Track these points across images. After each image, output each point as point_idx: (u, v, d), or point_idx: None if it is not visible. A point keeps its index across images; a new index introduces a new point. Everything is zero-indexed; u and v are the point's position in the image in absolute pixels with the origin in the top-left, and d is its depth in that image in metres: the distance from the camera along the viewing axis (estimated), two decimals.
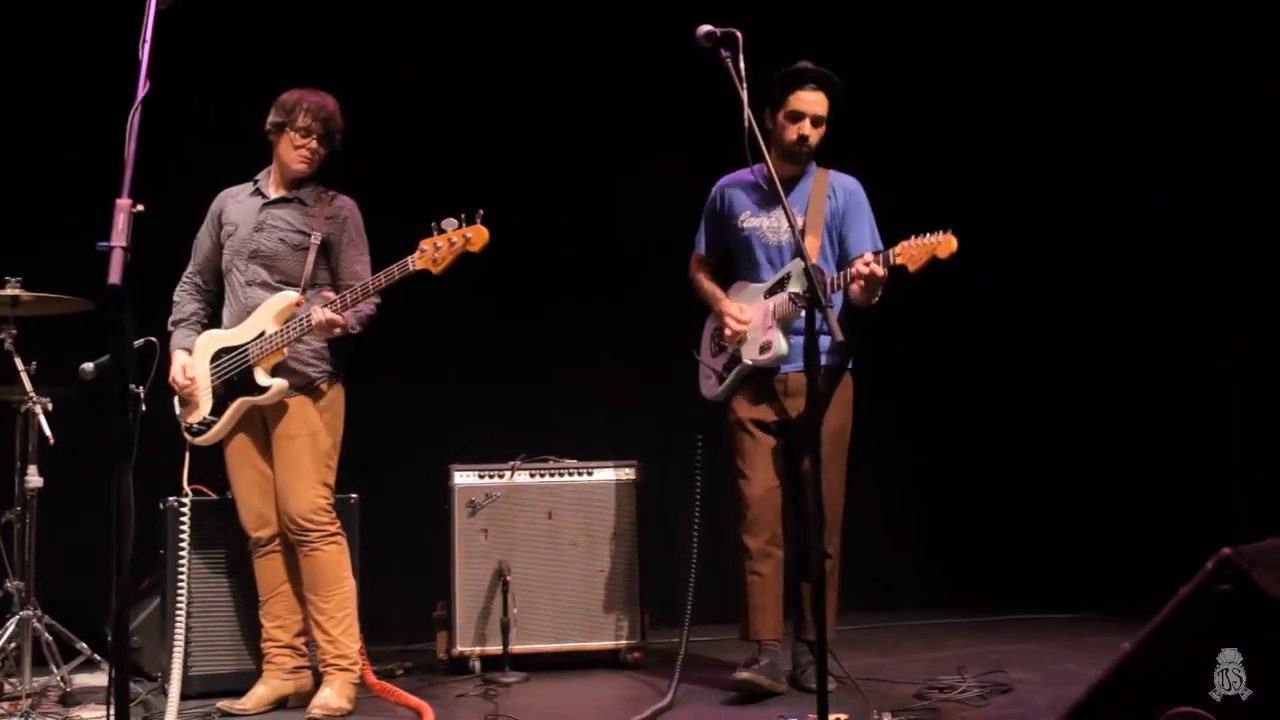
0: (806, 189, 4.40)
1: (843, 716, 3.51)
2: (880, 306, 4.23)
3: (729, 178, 4.56)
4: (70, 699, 4.32)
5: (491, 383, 6.20)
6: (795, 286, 4.18)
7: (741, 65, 3.51)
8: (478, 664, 4.95)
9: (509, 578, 4.85)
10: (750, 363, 4.34)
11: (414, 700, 4.24)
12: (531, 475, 5.12)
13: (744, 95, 3.50)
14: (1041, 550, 6.99)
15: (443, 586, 5.07)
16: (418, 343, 5.79)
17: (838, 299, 4.32)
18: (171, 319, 4.42)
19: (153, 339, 4.41)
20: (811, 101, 4.28)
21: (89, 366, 4.36)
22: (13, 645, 4.28)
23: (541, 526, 5.08)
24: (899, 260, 3.93)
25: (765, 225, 4.41)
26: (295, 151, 4.25)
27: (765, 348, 4.29)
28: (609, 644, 5.08)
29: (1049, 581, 6.79)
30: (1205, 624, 2.35)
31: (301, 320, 4.08)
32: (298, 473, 4.17)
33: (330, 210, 4.32)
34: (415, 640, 5.45)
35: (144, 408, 4.45)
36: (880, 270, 3.96)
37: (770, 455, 4.35)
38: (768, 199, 4.38)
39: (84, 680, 4.66)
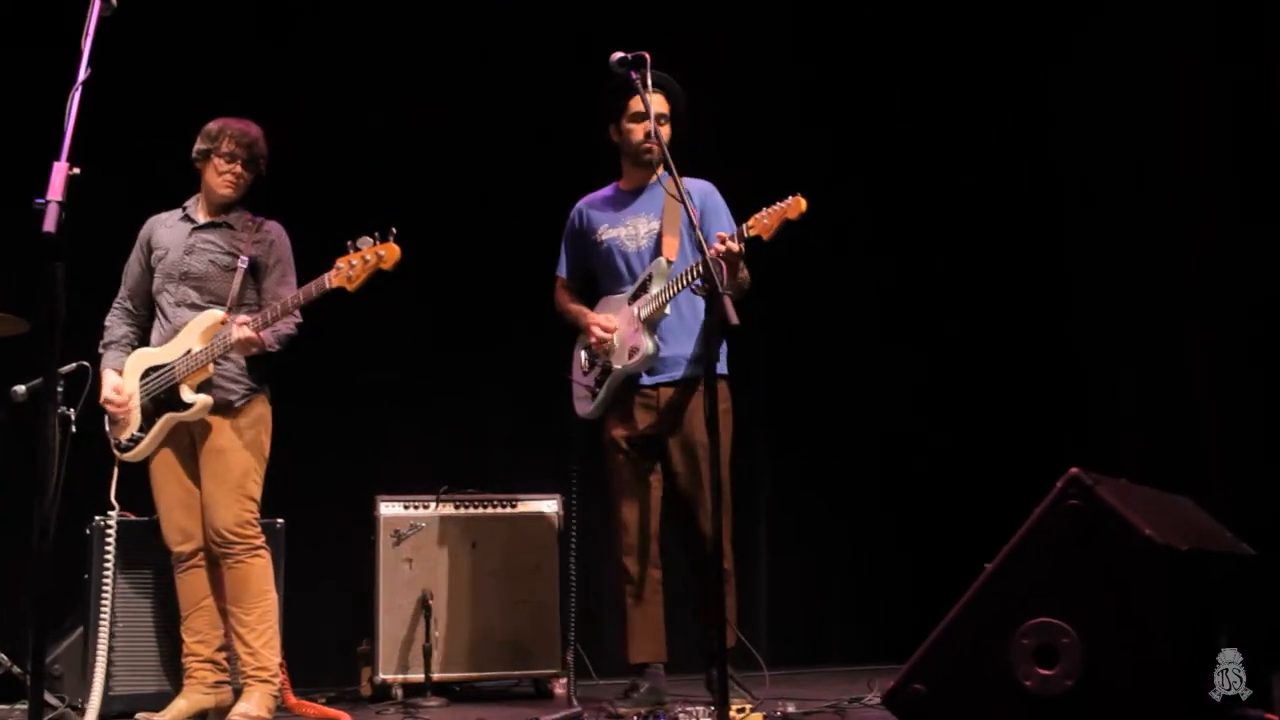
0: (659, 195, 4.37)
1: (747, 706, 3.58)
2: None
3: (587, 197, 4.64)
4: None
5: (421, 410, 6.24)
6: (657, 287, 4.23)
7: (649, 82, 3.76)
8: (400, 691, 5.01)
9: (431, 602, 4.92)
10: (620, 368, 4.31)
11: (331, 712, 4.29)
12: (456, 507, 5.23)
13: (652, 111, 3.82)
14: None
15: (366, 620, 5.15)
16: (346, 369, 5.84)
17: (699, 305, 4.21)
18: (102, 342, 4.53)
19: (84, 363, 4.58)
20: (655, 102, 4.22)
21: (20, 389, 4.49)
22: None
23: (465, 557, 5.17)
24: (752, 232, 3.89)
25: (623, 234, 4.45)
26: (220, 177, 4.40)
27: (633, 351, 4.27)
28: (531, 672, 5.16)
29: None
30: (1058, 537, 2.50)
31: (223, 338, 4.20)
32: (224, 487, 4.26)
33: (258, 235, 4.47)
34: (340, 672, 5.48)
35: (74, 429, 4.62)
36: (736, 246, 3.91)
37: (645, 474, 4.38)
38: (621, 205, 4.49)
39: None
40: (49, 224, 2.70)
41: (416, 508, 5.19)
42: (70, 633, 4.93)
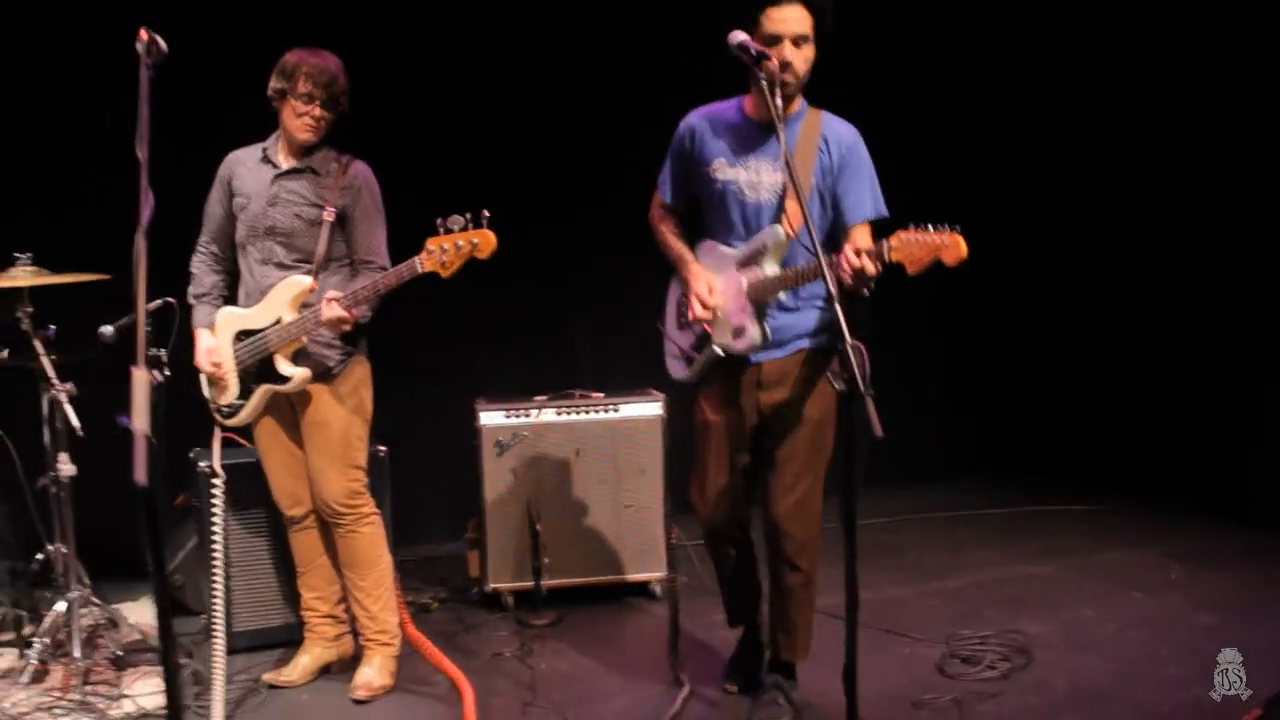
0: (794, 136, 3.59)
1: None
2: None
3: (701, 112, 3.79)
4: (123, 661, 4.48)
5: (517, 319, 6.16)
6: (771, 267, 3.60)
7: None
8: (510, 599, 5.11)
9: (539, 526, 4.94)
10: (720, 351, 3.72)
11: (453, 670, 4.38)
12: (558, 413, 5.14)
13: (777, 105, 3.27)
14: (1064, 428, 7.17)
15: (473, 510, 5.19)
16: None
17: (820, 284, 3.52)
18: (191, 292, 4.33)
19: (170, 299, 4.40)
20: (789, 19, 3.44)
21: (108, 329, 4.35)
22: (65, 626, 4.40)
23: (569, 464, 5.13)
24: (895, 257, 3.20)
25: (742, 179, 3.66)
26: (299, 120, 4.08)
27: (739, 333, 3.66)
28: (639, 576, 5.21)
29: (1070, 461, 6.99)
30: None
31: (315, 311, 4.01)
32: (328, 459, 4.19)
33: (345, 180, 4.17)
34: (449, 567, 5.65)
35: (167, 371, 4.53)
36: (871, 267, 3.24)
37: (731, 456, 3.83)
38: (748, 144, 3.65)
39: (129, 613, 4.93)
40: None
41: (518, 415, 5.10)
42: (185, 543, 5.06)
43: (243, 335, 4.17)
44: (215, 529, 4.39)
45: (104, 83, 4.71)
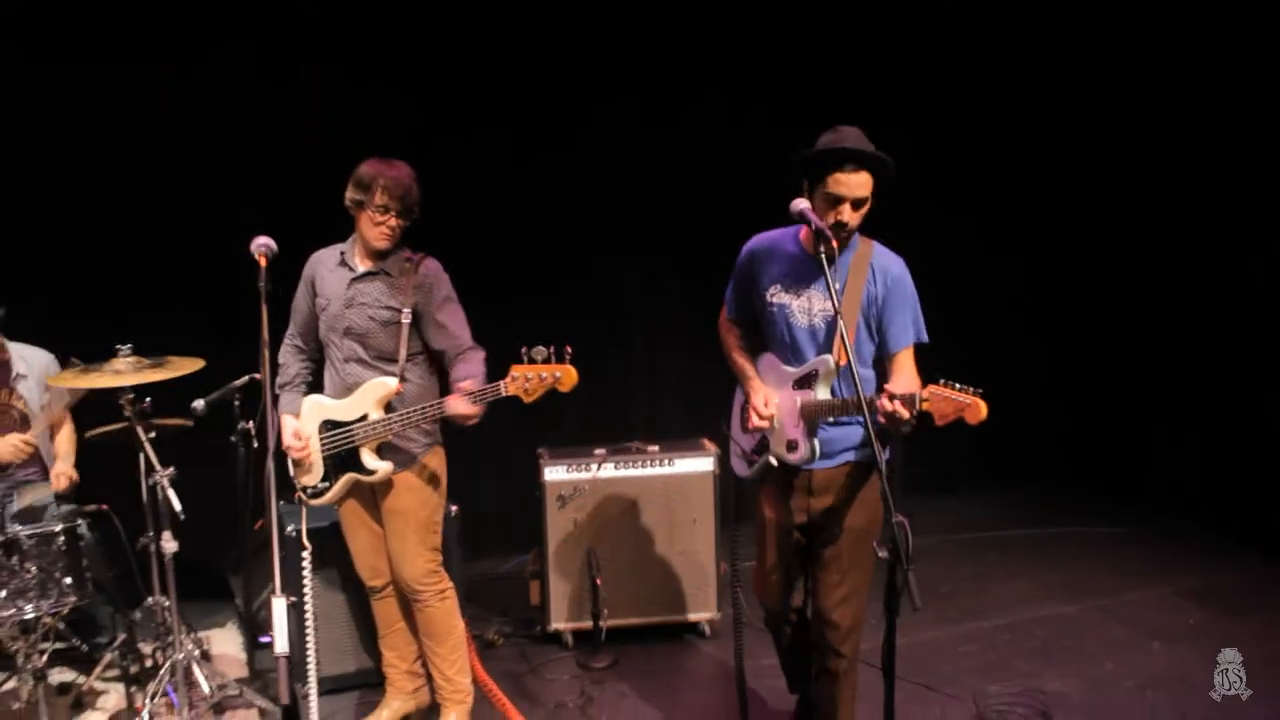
0: (845, 268, 3.92)
1: None
2: None
3: (762, 239, 4.14)
4: (221, 706, 4.93)
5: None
6: (823, 392, 3.95)
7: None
8: (570, 639, 5.53)
9: (599, 580, 5.33)
10: (774, 461, 4.07)
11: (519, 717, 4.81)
12: (616, 468, 5.49)
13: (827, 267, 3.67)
14: (1093, 441, 7.48)
15: (534, 540, 5.61)
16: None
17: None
18: (278, 381, 4.65)
19: (255, 375, 4.77)
20: (853, 185, 3.75)
21: (200, 404, 4.73)
22: (169, 678, 4.83)
23: (626, 514, 5.50)
24: (926, 406, 3.57)
25: (795, 305, 4.00)
26: (375, 229, 4.36)
27: (792, 447, 4.01)
28: (691, 617, 5.62)
29: (1099, 474, 7.33)
30: None
31: (432, 407, 4.30)
32: (407, 544, 4.54)
33: (417, 279, 4.45)
34: (511, 594, 6.10)
35: (255, 442, 4.91)
36: (905, 413, 3.61)
37: (786, 553, 4.20)
38: (801, 274, 3.99)
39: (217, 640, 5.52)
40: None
41: (579, 470, 5.46)
42: (268, 584, 5.49)
43: (328, 425, 4.49)
44: (306, 593, 4.78)
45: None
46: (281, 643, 2.64)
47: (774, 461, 4.09)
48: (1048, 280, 7.62)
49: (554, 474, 5.47)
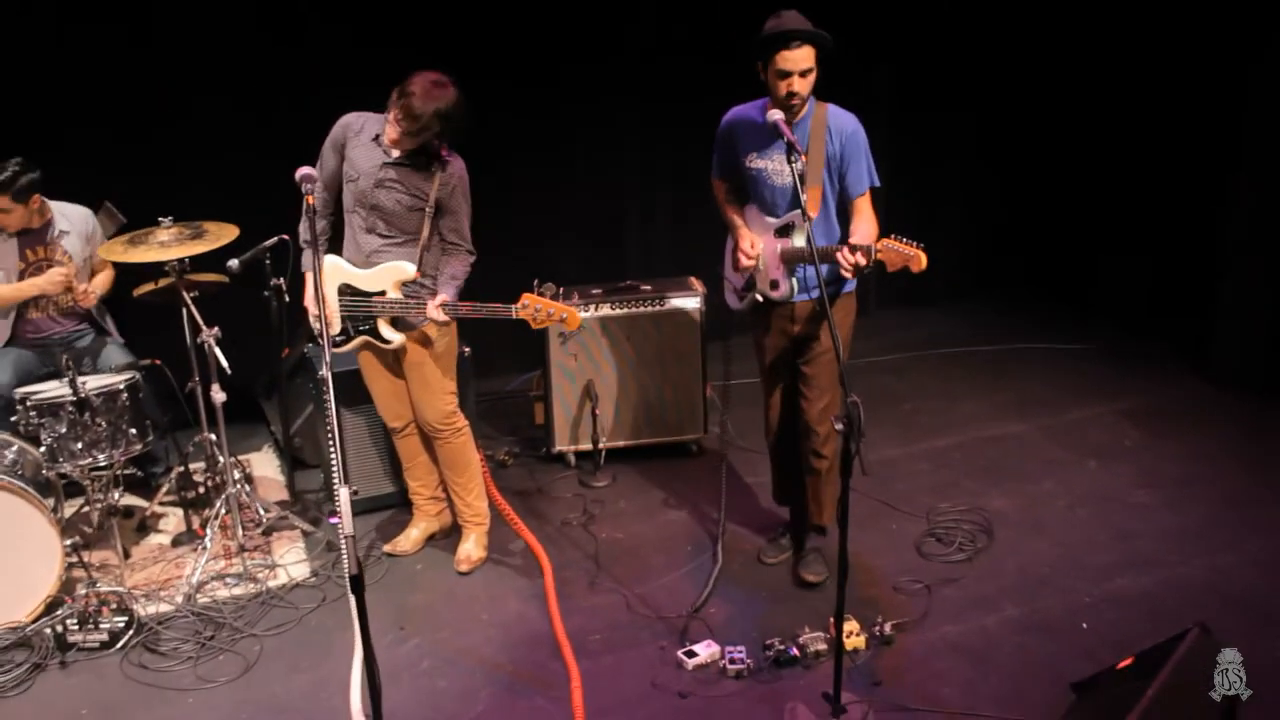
0: (805, 132, 4.57)
1: (854, 625, 4.70)
2: None
3: (736, 113, 4.78)
4: (270, 529, 5.64)
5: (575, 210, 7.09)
6: (799, 240, 4.66)
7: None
8: (573, 458, 6.24)
9: (597, 411, 6.00)
10: (759, 297, 4.82)
11: (534, 542, 5.50)
12: (613, 308, 6.07)
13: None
14: (1063, 253, 8.02)
15: (537, 364, 6.30)
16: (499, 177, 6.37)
17: (835, 229, 4.75)
18: (302, 237, 5.13)
19: (285, 236, 5.29)
20: (796, 59, 4.39)
21: (234, 263, 5.25)
22: (224, 512, 5.51)
23: (623, 347, 6.11)
24: (879, 257, 4.33)
25: (770, 168, 4.66)
26: (389, 129, 4.75)
27: (774, 285, 4.78)
28: (679, 438, 6.30)
29: (1068, 287, 7.95)
30: None
31: (418, 303, 4.84)
32: (426, 390, 5.12)
33: (444, 176, 4.87)
34: (516, 415, 6.85)
35: (287, 297, 5.45)
36: (864, 262, 4.35)
37: (782, 376, 4.99)
38: (769, 142, 4.61)
39: (256, 463, 6.22)
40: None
41: (579, 310, 6.00)
42: (303, 410, 6.15)
43: (347, 289, 4.97)
44: (330, 423, 5.36)
45: None
46: (348, 526, 3.21)
47: (759, 298, 4.83)
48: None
49: None
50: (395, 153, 4.81)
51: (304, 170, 4.21)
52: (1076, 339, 7.69)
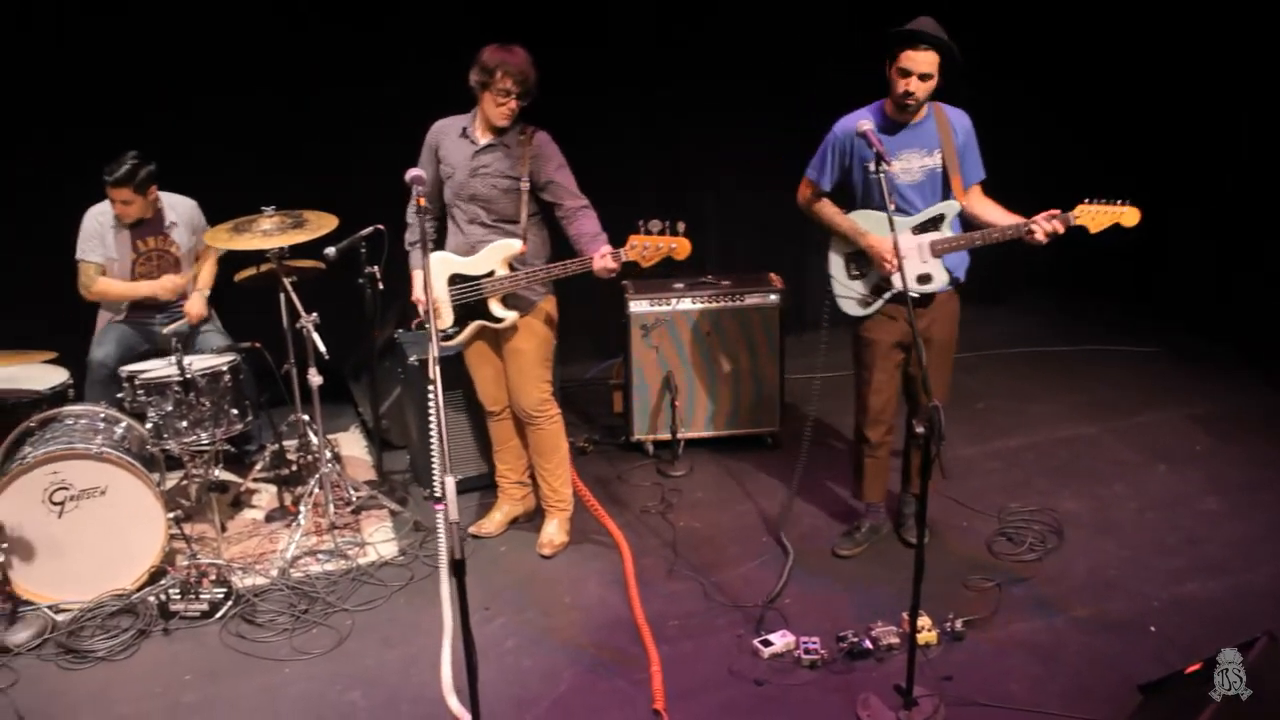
0: (933, 129, 4.83)
1: (926, 620, 4.84)
2: None
3: (849, 121, 4.89)
4: (359, 508, 5.85)
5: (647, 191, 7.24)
6: (951, 229, 4.85)
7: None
8: (650, 447, 6.41)
9: (677, 402, 6.16)
10: (914, 294, 4.80)
11: (614, 529, 5.67)
12: (693, 302, 6.22)
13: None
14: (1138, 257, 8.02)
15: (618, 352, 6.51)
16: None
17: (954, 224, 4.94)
18: (408, 239, 5.33)
19: (380, 226, 5.49)
20: (919, 61, 4.60)
21: (331, 251, 5.45)
22: (316, 490, 5.74)
23: (703, 340, 6.26)
24: (1078, 222, 4.66)
25: (897, 168, 4.81)
26: (498, 109, 4.96)
27: (926, 279, 4.90)
28: (754, 430, 6.45)
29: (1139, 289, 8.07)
30: None
31: (528, 272, 5.04)
32: (525, 376, 5.30)
33: (531, 150, 5.07)
34: (595, 401, 7.07)
35: (380, 284, 5.64)
36: (1060, 228, 4.65)
37: (894, 370, 5.11)
38: (894, 140, 4.80)
39: (344, 442, 6.49)
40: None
41: (660, 304, 6.19)
42: (390, 393, 6.36)
43: (456, 279, 5.17)
44: (433, 422, 5.57)
45: None
46: (453, 512, 3.40)
47: (914, 294, 4.85)
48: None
49: (638, 306, 6.21)
50: (482, 140, 5.05)
51: (413, 172, 4.40)
52: (1144, 342, 7.75)
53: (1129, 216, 4.64)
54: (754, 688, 4.51)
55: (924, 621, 4.72)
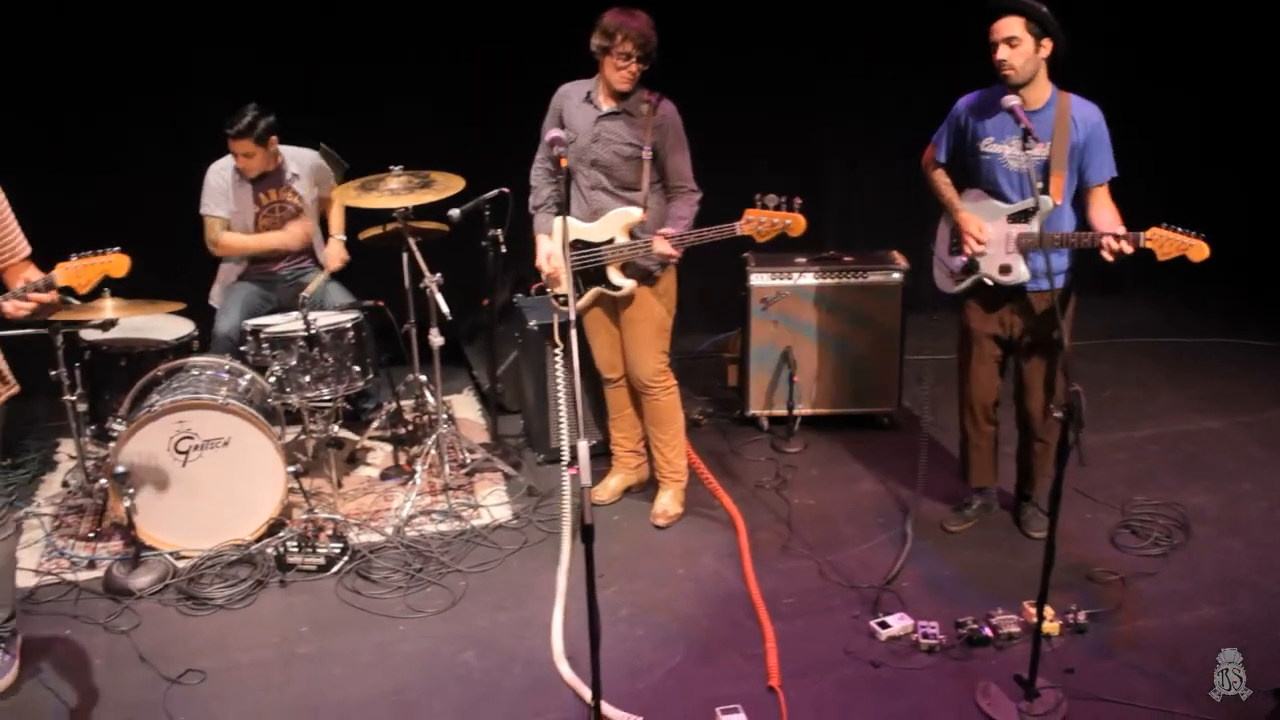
0: (1049, 120, 4.64)
1: (1049, 611, 4.71)
2: None
3: (973, 97, 4.86)
4: (473, 469, 5.87)
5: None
6: (1039, 224, 4.62)
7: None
8: (766, 422, 6.34)
9: (796, 378, 6.10)
10: (988, 280, 4.85)
11: (728, 502, 5.63)
12: (815, 277, 6.14)
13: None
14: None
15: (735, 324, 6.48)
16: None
17: (1068, 218, 4.78)
18: (531, 202, 5.33)
19: (505, 189, 5.49)
20: (999, 28, 4.54)
21: (455, 213, 5.45)
22: (432, 453, 5.76)
23: (823, 316, 6.19)
24: (1149, 244, 4.44)
25: (1007, 153, 4.74)
26: (619, 73, 4.92)
27: (1005, 270, 4.80)
28: (871, 409, 6.37)
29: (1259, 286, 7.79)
30: None
31: (645, 243, 4.99)
32: (642, 345, 5.28)
33: (656, 119, 5.02)
34: (709, 374, 6.99)
35: (504, 248, 5.64)
36: (1128, 248, 4.45)
37: (993, 364, 5.07)
38: (1010, 128, 4.67)
39: (458, 404, 6.52)
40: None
41: (781, 277, 6.12)
42: (507, 356, 6.37)
43: (578, 244, 5.14)
44: (560, 384, 5.63)
45: None
46: (586, 477, 3.40)
47: (989, 281, 4.86)
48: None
49: (759, 280, 6.15)
50: (605, 106, 5.01)
51: (555, 132, 4.41)
52: (1265, 335, 7.53)
53: (1197, 250, 4.40)
54: (870, 669, 4.45)
55: (1046, 612, 4.60)
